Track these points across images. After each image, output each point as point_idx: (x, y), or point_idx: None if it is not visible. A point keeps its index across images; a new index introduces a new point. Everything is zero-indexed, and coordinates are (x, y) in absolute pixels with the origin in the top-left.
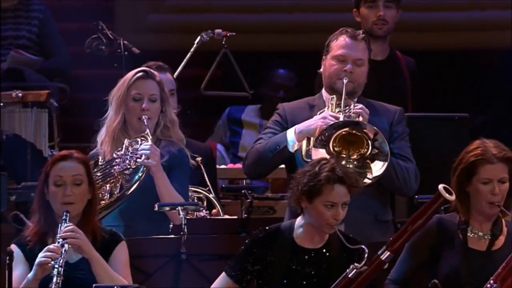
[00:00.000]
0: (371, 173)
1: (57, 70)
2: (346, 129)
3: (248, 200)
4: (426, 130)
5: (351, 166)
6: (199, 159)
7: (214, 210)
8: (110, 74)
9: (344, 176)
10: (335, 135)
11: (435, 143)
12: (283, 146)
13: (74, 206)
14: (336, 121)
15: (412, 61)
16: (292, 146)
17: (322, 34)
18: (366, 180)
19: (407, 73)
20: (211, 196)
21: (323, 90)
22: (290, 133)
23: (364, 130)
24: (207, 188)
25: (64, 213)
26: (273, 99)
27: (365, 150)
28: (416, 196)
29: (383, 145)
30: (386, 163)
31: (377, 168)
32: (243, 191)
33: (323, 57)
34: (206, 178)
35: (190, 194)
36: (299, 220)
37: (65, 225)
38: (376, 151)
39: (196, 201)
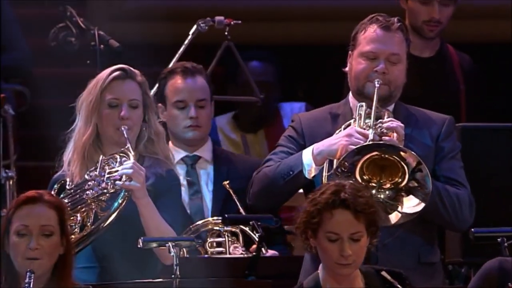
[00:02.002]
0: (401, 209)
1: (13, 69)
2: (375, 153)
3: (258, 234)
4: (484, 144)
5: (382, 196)
6: (225, 182)
7: (253, 246)
8: (80, 73)
9: (349, 198)
10: (362, 160)
11: (495, 161)
12: (298, 171)
13: (39, 263)
14: (363, 142)
15: (467, 59)
16: (309, 171)
17: (350, 23)
18: (392, 217)
19: (460, 73)
20: (247, 229)
21: (350, 95)
22: (307, 154)
23: (401, 155)
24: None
25: (27, 274)
26: (249, 103)
27: (400, 179)
28: (472, 230)
29: (427, 180)
30: (423, 205)
31: (411, 204)
32: (251, 223)
33: (349, 52)
34: (240, 206)
35: (222, 227)
36: (321, 267)
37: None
38: (416, 184)
39: (227, 235)
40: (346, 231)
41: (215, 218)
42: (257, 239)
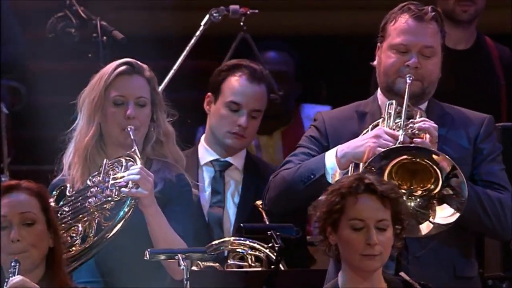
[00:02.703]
0: (433, 219)
1: (7, 64)
2: (405, 156)
3: (277, 246)
4: None
5: (412, 204)
6: (259, 203)
7: None
8: (81, 68)
9: (374, 183)
10: (391, 164)
11: None
12: (320, 175)
13: (25, 256)
14: (392, 144)
15: (508, 52)
16: (332, 175)
17: (378, 12)
18: (423, 228)
19: (500, 67)
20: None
21: (379, 92)
22: (330, 157)
23: (434, 158)
24: (269, 245)
25: (12, 263)
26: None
27: (432, 186)
28: None
29: (462, 187)
30: (458, 215)
31: (444, 214)
32: (269, 233)
33: (378, 44)
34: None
35: (245, 250)
36: (340, 273)
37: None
38: (450, 192)
39: (251, 259)
40: (372, 217)
41: (237, 238)
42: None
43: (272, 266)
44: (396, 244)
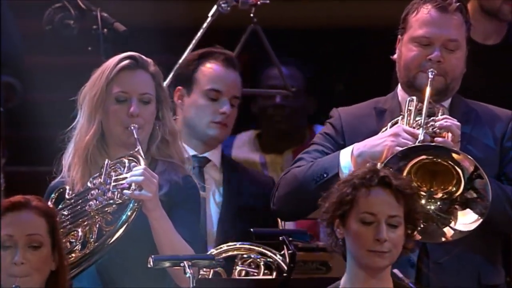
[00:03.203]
0: (454, 225)
1: (1, 57)
2: (425, 156)
3: (290, 252)
4: None
5: (432, 207)
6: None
7: None
8: (81, 62)
9: (389, 176)
10: (411, 163)
11: None
12: (333, 174)
13: (27, 280)
14: (411, 143)
15: None
16: (348, 175)
17: (399, 2)
18: (443, 233)
19: None
20: (278, 258)
21: (399, 88)
22: (345, 155)
23: (456, 158)
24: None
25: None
26: (270, 114)
27: (454, 188)
28: None
29: (487, 189)
30: (481, 221)
31: (467, 220)
32: (281, 238)
33: (398, 37)
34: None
35: (253, 256)
36: (344, 277)
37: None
38: (474, 195)
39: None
40: (384, 212)
41: (244, 243)
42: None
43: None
44: (407, 245)
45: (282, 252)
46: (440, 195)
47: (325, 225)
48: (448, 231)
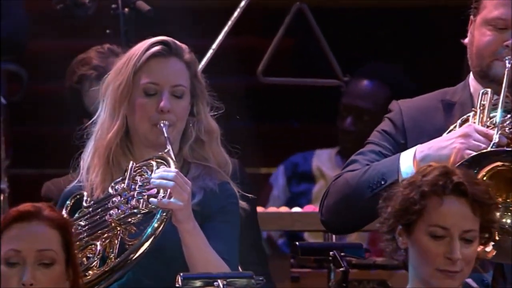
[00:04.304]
0: None
1: (5, 42)
2: (499, 163)
3: (342, 269)
4: None
5: (509, 221)
6: None
7: None
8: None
9: (465, 183)
10: (484, 171)
11: None
12: (392, 180)
13: None
14: (485, 146)
15: None
16: None
17: None
18: None
19: None
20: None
21: (471, 77)
22: (406, 159)
23: None
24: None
25: None
26: (347, 135)
27: None
28: None
29: None
30: None
31: None
32: (331, 253)
33: (470, 17)
34: None
35: None
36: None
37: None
38: None
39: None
40: (458, 226)
41: None
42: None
43: None
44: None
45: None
46: None
47: (385, 230)
48: None
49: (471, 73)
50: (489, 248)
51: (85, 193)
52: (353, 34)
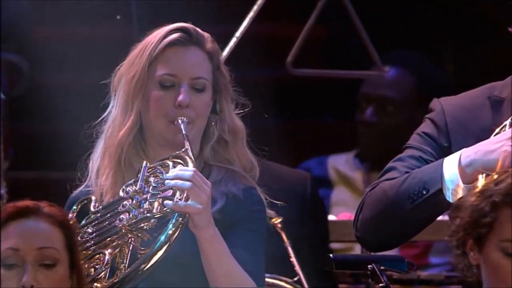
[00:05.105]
0: None
1: (4, 30)
2: None
3: (382, 285)
4: None
5: None
6: (277, 220)
7: None
8: (107, 36)
9: None
10: None
11: None
12: (435, 190)
13: None
14: None
15: None
16: (454, 191)
17: None
18: None
19: None
20: None
21: None
22: (451, 165)
23: None
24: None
25: None
26: (368, 128)
27: None
28: None
29: None
30: None
31: None
32: (370, 267)
33: None
34: (292, 254)
35: None
36: None
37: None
38: None
39: None
40: None
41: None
42: None
43: None
44: None
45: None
46: None
47: (454, 245)
48: None
49: None
50: None
51: (93, 198)
52: (391, 21)
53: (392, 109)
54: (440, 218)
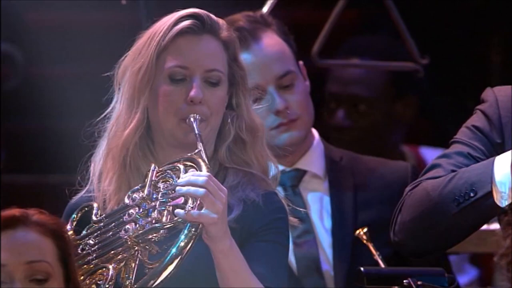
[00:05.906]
0: None
1: None
2: None
3: None
4: None
5: None
6: (361, 232)
7: None
8: (111, 22)
9: None
10: None
11: None
12: (484, 192)
13: None
14: None
15: None
16: (505, 195)
17: None
18: None
19: None
20: None
21: None
22: (502, 165)
23: None
24: None
25: None
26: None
27: None
28: None
29: None
30: None
31: None
32: (406, 282)
33: None
34: (379, 260)
35: None
36: None
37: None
38: None
39: None
40: None
41: None
42: None
43: None
44: None
45: None
46: None
47: (505, 266)
48: None
49: None
50: None
51: (95, 205)
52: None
53: (365, 108)
54: (484, 227)
